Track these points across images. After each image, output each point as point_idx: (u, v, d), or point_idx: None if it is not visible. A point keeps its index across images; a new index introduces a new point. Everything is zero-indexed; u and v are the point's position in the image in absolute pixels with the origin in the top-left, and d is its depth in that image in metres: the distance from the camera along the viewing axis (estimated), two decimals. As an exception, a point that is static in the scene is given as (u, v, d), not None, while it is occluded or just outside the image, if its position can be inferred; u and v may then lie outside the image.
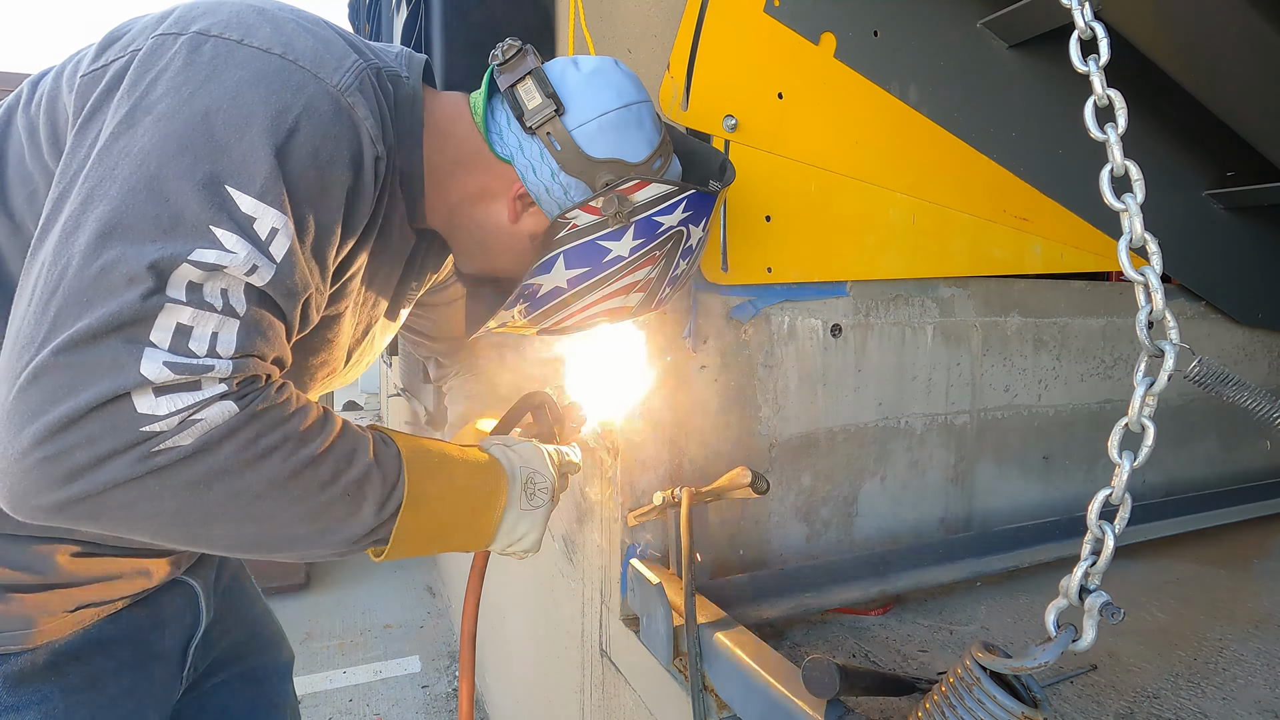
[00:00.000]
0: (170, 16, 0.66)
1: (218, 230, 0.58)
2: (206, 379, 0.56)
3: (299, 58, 0.65)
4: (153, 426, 0.54)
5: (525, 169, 0.84)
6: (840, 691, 0.73)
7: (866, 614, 1.20)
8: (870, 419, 1.40)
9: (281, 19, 0.67)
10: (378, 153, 0.70)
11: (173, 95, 0.60)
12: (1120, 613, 0.59)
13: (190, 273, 0.56)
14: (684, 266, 0.95)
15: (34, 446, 0.52)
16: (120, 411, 0.53)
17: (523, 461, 0.87)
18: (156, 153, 0.58)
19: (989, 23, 1.41)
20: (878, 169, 1.34)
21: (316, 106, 0.64)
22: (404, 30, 2.07)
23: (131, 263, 0.55)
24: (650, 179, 0.84)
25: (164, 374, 0.54)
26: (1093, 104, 0.66)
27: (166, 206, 0.57)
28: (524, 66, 0.82)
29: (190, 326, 0.56)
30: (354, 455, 0.67)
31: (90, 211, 0.57)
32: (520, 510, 0.84)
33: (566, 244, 0.86)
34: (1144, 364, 0.61)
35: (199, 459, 0.56)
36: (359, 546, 0.70)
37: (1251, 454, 1.97)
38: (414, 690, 2.81)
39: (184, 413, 0.55)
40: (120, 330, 0.54)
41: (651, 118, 0.87)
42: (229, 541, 0.62)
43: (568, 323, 0.95)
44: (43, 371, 0.53)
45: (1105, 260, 1.59)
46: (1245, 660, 1.06)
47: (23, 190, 0.69)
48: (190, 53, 0.62)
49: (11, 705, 0.75)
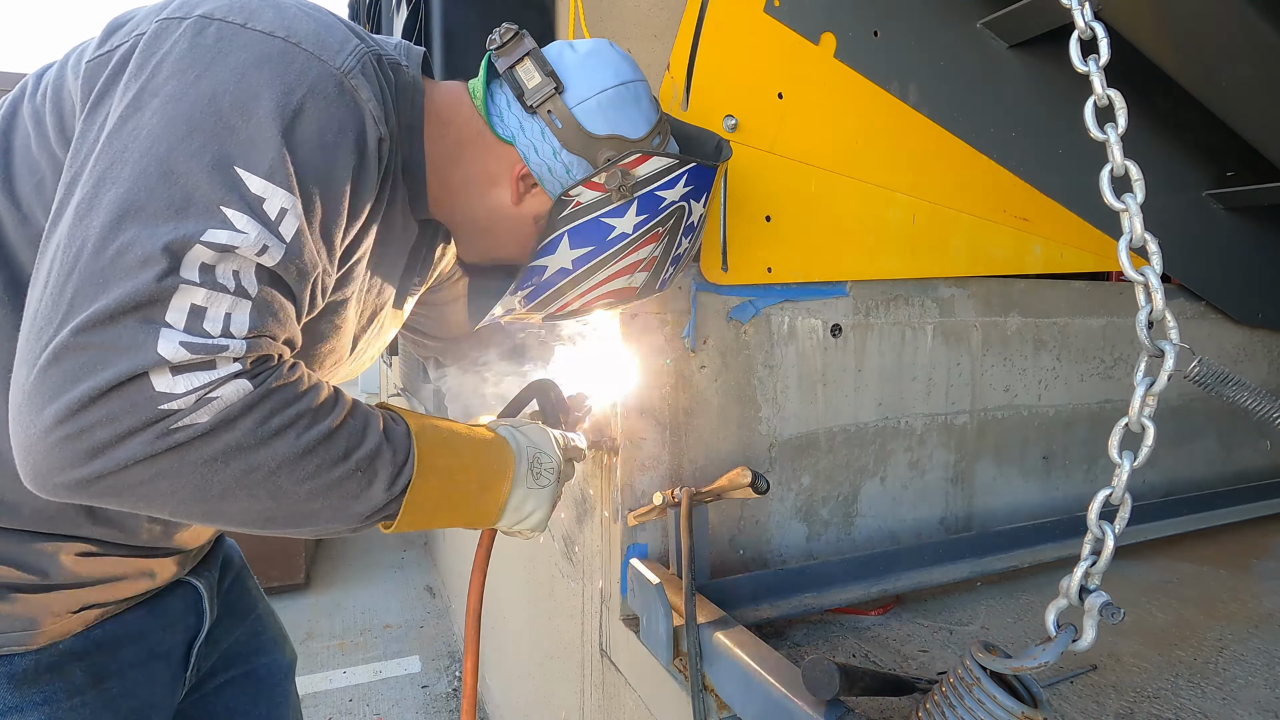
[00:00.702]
0: (174, 2, 0.67)
1: (228, 210, 0.59)
2: (221, 358, 0.58)
3: (302, 40, 0.66)
4: (170, 405, 0.55)
5: (527, 149, 0.85)
6: (840, 691, 0.73)
7: (866, 614, 1.20)
8: (870, 419, 1.40)
9: (283, 4, 0.68)
10: (381, 134, 0.70)
11: (179, 78, 0.61)
12: (1120, 613, 0.59)
13: (203, 254, 0.57)
14: (686, 245, 0.95)
15: (56, 425, 0.53)
16: (139, 390, 0.54)
17: (529, 441, 0.87)
18: (165, 135, 0.59)
19: (989, 23, 1.41)
20: (877, 169, 1.34)
21: (321, 88, 0.65)
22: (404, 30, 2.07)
23: (146, 244, 0.56)
24: (652, 152, 0.85)
25: (180, 354, 0.56)
26: (1093, 104, 0.66)
27: (178, 188, 0.58)
28: (521, 48, 0.83)
29: (204, 307, 0.57)
30: (365, 432, 0.68)
31: (103, 194, 0.57)
32: (527, 488, 0.85)
33: (570, 223, 0.86)
34: (1144, 364, 0.61)
35: (215, 436, 0.57)
36: (370, 522, 0.71)
37: (1251, 454, 1.97)
38: (414, 690, 2.81)
39: (200, 391, 0.56)
40: (137, 310, 0.55)
41: (648, 96, 0.88)
42: (245, 517, 0.63)
43: (573, 306, 0.96)
44: (63, 351, 0.54)
45: (1105, 260, 1.59)
46: (1245, 660, 1.06)
47: (30, 179, 0.69)
48: (195, 36, 0.63)
49: (15, 705, 0.75)
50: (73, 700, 0.79)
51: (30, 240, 0.69)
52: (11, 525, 0.72)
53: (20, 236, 0.69)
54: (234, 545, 1.14)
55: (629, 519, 1.17)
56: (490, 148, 0.86)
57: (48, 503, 0.72)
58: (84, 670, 0.80)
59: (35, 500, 0.72)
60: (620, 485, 1.17)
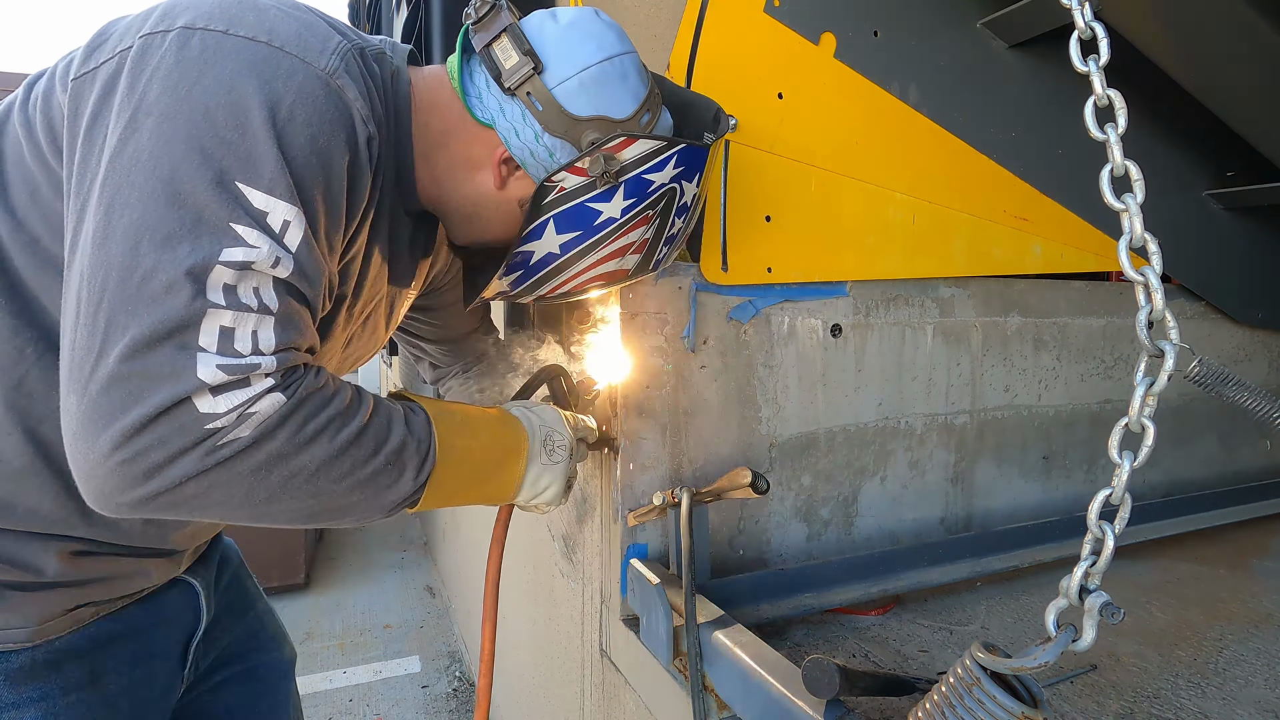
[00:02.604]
0: (154, 14, 0.67)
1: (238, 227, 0.61)
2: (254, 376, 0.61)
3: (285, 44, 0.66)
4: (215, 424, 0.60)
5: (508, 132, 0.82)
6: (840, 691, 0.73)
7: (866, 614, 1.20)
8: (870, 419, 1.40)
9: (263, 5, 0.68)
10: (370, 132, 0.70)
11: (170, 94, 0.61)
12: (1120, 613, 0.59)
13: (224, 274, 0.60)
14: (680, 225, 0.93)
15: (113, 450, 0.57)
16: (185, 413, 0.59)
17: (541, 421, 0.92)
18: (166, 156, 0.60)
19: (989, 23, 1.41)
20: (878, 169, 1.34)
21: (309, 91, 0.65)
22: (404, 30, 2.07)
23: (168, 269, 0.58)
24: (638, 135, 0.81)
25: (218, 376, 0.59)
26: (1093, 104, 0.66)
27: (187, 209, 0.59)
28: (499, 23, 0.80)
29: (233, 328, 0.61)
30: (390, 426, 0.73)
31: (115, 221, 0.59)
32: (541, 465, 0.90)
33: (555, 208, 0.84)
34: (1144, 364, 0.61)
35: (258, 448, 0.62)
36: (402, 507, 0.77)
37: (1251, 454, 1.97)
38: (414, 690, 2.81)
39: (240, 408, 0.60)
40: (170, 337, 0.58)
41: (636, 69, 0.84)
42: (291, 515, 0.68)
43: (564, 289, 0.94)
44: (109, 381, 0.57)
45: (1105, 260, 1.59)
46: (1245, 660, 1.06)
47: (24, 189, 0.70)
48: (180, 49, 0.63)
49: (11, 703, 0.75)
50: (69, 697, 0.79)
51: (25, 247, 0.70)
52: (6, 525, 0.72)
53: (15, 241, 0.70)
54: (231, 544, 1.14)
55: (629, 519, 1.17)
56: (471, 131, 0.84)
57: (40, 502, 0.73)
58: (81, 667, 0.81)
59: (28, 499, 0.72)
60: (620, 485, 1.17)
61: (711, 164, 0.92)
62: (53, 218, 0.69)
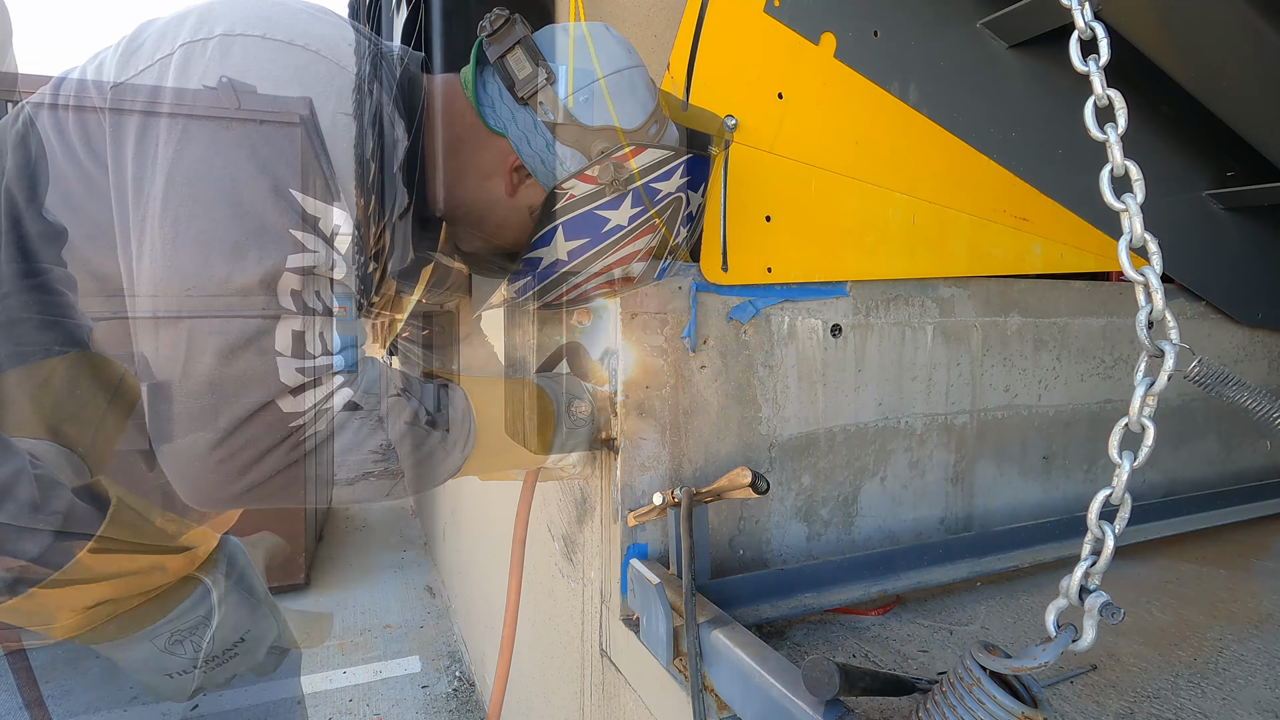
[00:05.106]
0: (188, 21, 0.68)
1: (297, 233, 0.64)
2: (326, 375, 0.68)
3: (321, 48, 0.68)
4: (297, 422, 0.66)
5: (519, 140, 0.85)
6: (840, 692, 0.73)
7: (866, 614, 1.20)
8: (870, 419, 1.40)
9: (294, 8, 0.70)
10: (398, 136, 0.74)
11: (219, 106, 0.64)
12: (1120, 613, 0.59)
13: (291, 280, 0.64)
14: (684, 234, 0.96)
15: (210, 450, 0.63)
16: (271, 414, 0.64)
17: (563, 389, 1.01)
18: (222, 165, 0.62)
19: (989, 23, 1.41)
20: (877, 169, 1.34)
21: (348, 97, 0.68)
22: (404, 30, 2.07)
23: (240, 278, 0.62)
24: (646, 144, 0.84)
25: (296, 378, 0.65)
26: (1093, 104, 0.66)
27: (251, 218, 0.63)
28: (513, 36, 0.82)
29: (303, 332, 0.66)
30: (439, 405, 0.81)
31: (184, 232, 0.62)
32: (567, 429, 1.00)
33: (565, 215, 0.86)
34: (1144, 364, 0.61)
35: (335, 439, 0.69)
36: (452, 476, 0.84)
37: (1251, 454, 1.97)
38: (414, 690, 2.81)
39: (317, 406, 0.67)
40: (250, 344, 0.63)
41: (645, 83, 0.87)
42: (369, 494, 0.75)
43: (570, 295, 0.97)
44: (202, 387, 0.62)
45: (1105, 260, 1.59)
46: (1245, 660, 1.06)
47: (56, 190, 0.71)
48: (223, 58, 0.65)
49: (34, 699, 0.77)
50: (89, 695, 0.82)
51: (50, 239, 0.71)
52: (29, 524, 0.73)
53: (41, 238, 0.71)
54: (238, 544, 1.14)
55: (629, 519, 1.17)
56: (483, 139, 0.86)
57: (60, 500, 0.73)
58: (99, 664, 0.83)
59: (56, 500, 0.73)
60: (620, 485, 1.17)
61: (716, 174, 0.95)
62: (84, 218, 0.70)
